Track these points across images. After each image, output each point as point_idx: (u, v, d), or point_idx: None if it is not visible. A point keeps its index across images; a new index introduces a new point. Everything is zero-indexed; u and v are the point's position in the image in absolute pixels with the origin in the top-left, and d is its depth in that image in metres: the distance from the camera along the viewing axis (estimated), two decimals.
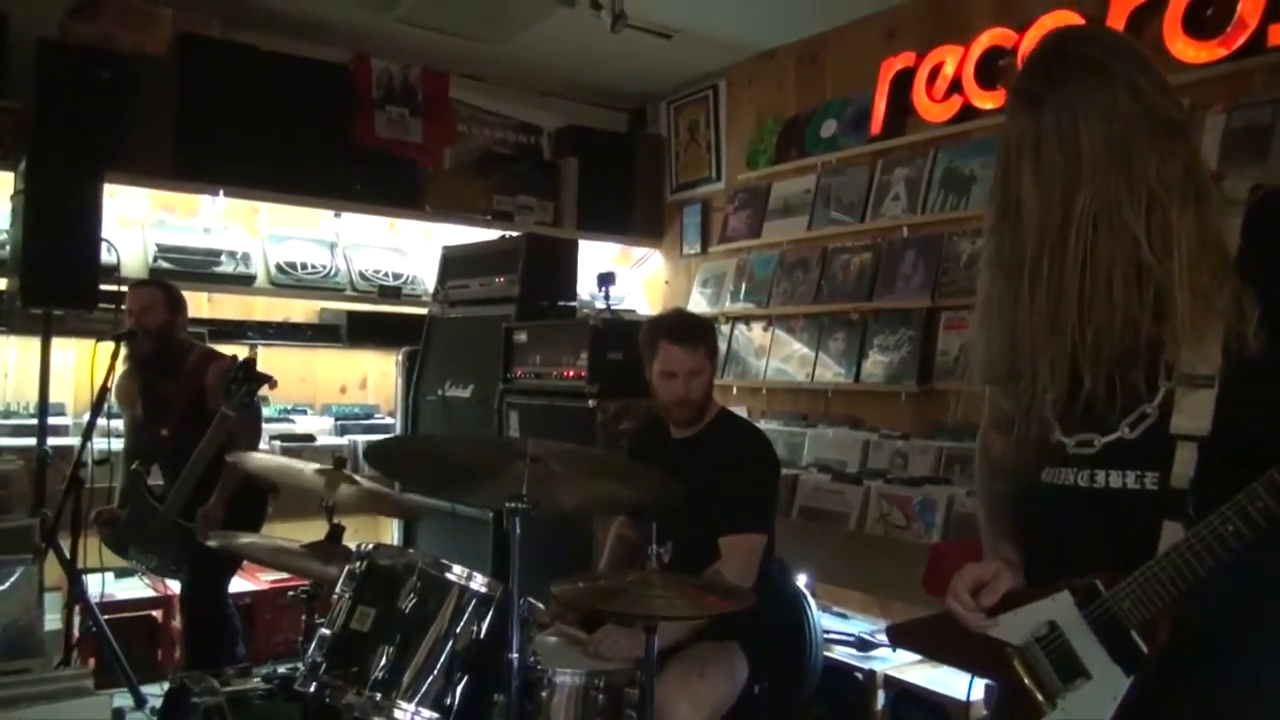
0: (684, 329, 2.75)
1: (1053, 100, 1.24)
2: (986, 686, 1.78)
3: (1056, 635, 1.31)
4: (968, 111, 3.71)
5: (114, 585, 3.83)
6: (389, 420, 4.88)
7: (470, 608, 2.14)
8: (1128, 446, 1.27)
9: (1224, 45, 2.96)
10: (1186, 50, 3.04)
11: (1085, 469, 1.31)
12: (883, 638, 3.37)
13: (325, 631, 2.16)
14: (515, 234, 4.49)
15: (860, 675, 3.13)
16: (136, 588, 3.99)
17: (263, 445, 3.88)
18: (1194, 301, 1.18)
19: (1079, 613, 1.28)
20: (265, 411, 4.32)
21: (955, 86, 3.73)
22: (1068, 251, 1.22)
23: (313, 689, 2.09)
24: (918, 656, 3.24)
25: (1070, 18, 3.35)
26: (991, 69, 3.63)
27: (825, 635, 3.02)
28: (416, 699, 2.06)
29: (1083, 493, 1.31)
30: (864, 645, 3.29)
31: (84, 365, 3.44)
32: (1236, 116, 2.92)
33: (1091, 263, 1.21)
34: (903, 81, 3.96)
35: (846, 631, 3.41)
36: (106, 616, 3.37)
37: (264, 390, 3.30)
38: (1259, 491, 1.12)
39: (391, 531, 4.77)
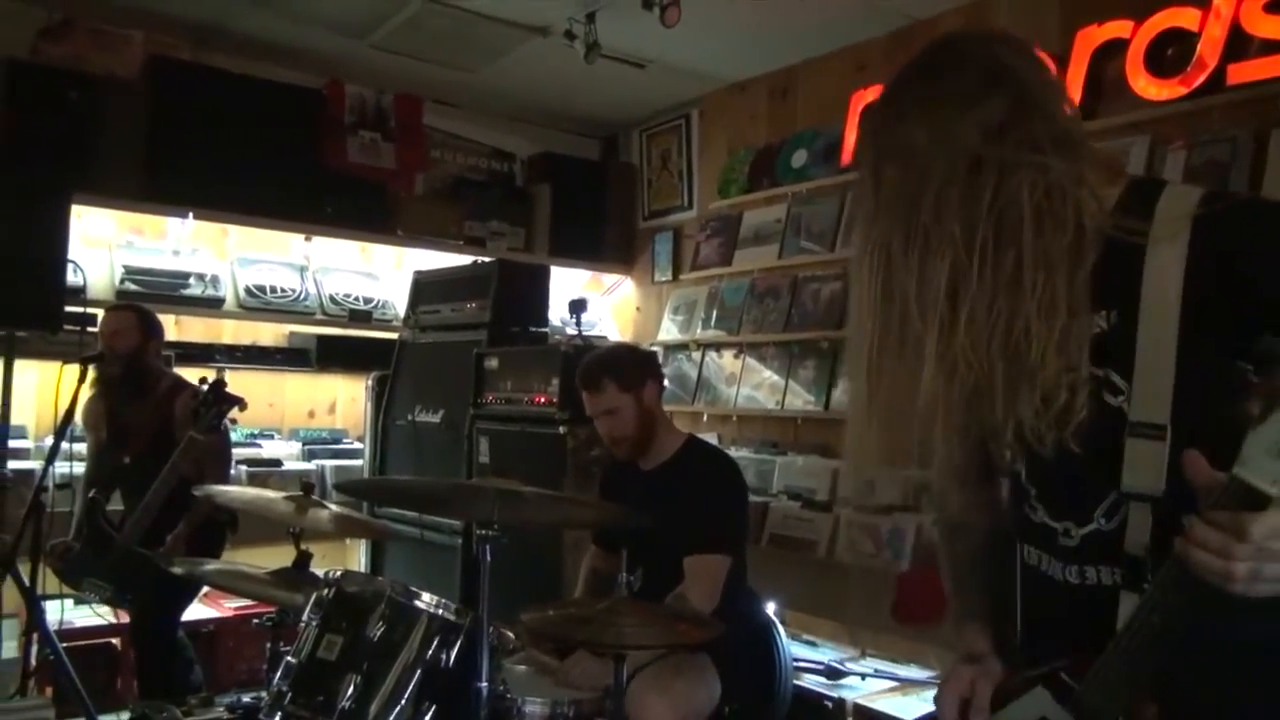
0: (586, 372, 2.76)
1: (881, 134, 1.20)
2: None
3: None
4: None
5: (73, 612, 3.75)
6: (357, 445, 4.84)
7: (439, 636, 2.12)
8: (1107, 538, 1.14)
9: (1184, 84, 3.03)
10: (1148, 88, 3.11)
11: (1072, 564, 1.18)
12: (852, 665, 3.38)
13: (291, 660, 2.13)
14: (487, 259, 4.49)
15: (829, 704, 3.13)
16: (95, 616, 3.91)
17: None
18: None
19: (1061, 708, 1.17)
20: (232, 436, 4.28)
21: None
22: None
23: (277, 719, 2.05)
24: (888, 684, 3.25)
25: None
26: None
27: (795, 663, 3.02)
28: None
29: (1072, 589, 1.19)
30: (833, 673, 3.29)
31: (47, 388, 3.39)
32: (1197, 153, 2.99)
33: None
34: None
35: (816, 659, 3.41)
36: (65, 644, 3.29)
37: (234, 414, 3.26)
38: (1169, 583, 1.00)
39: (358, 557, 4.72)
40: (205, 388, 3.19)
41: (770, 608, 3.07)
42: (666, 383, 3.25)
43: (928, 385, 1.09)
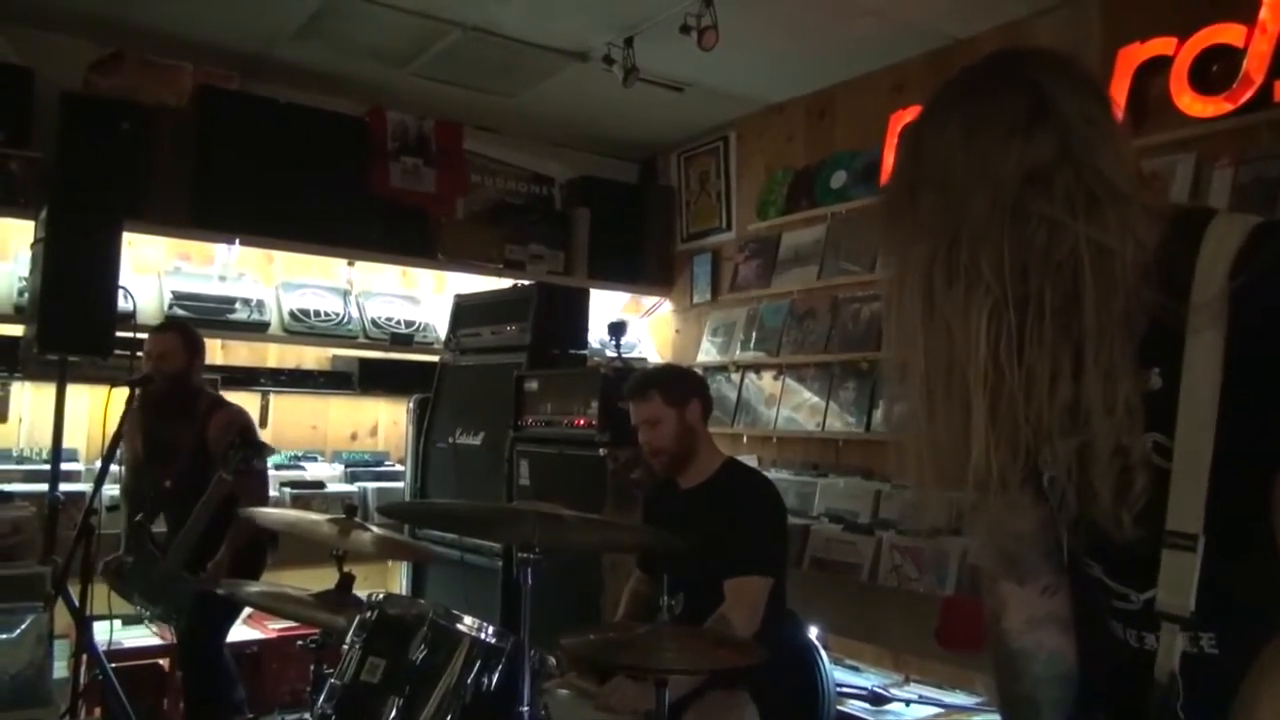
0: (634, 383, 2.87)
1: (919, 151, 1.11)
2: None
3: None
4: None
5: (121, 633, 3.81)
6: (399, 468, 4.88)
7: (481, 659, 2.13)
8: None
9: (1230, 100, 2.99)
10: (1193, 105, 3.07)
11: (1132, 629, 1.09)
12: (896, 691, 3.33)
13: (335, 682, 2.14)
14: (527, 283, 4.52)
15: None
16: (144, 636, 3.97)
17: (272, 492, 3.89)
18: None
19: None
20: (275, 458, 4.33)
21: None
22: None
23: None
24: (932, 711, 3.20)
25: None
26: None
27: (837, 689, 2.99)
28: None
29: (1134, 654, 1.08)
30: (877, 699, 3.25)
31: (98, 411, 3.46)
32: (1244, 171, 2.95)
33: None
34: None
35: (859, 685, 3.37)
36: (113, 665, 3.34)
37: (272, 444, 3.33)
38: None
39: (400, 580, 4.75)
40: (233, 431, 3.27)
41: (812, 632, 3.03)
42: None
43: (980, 449, 1.00)
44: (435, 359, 4.70)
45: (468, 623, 2.16)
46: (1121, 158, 1.03)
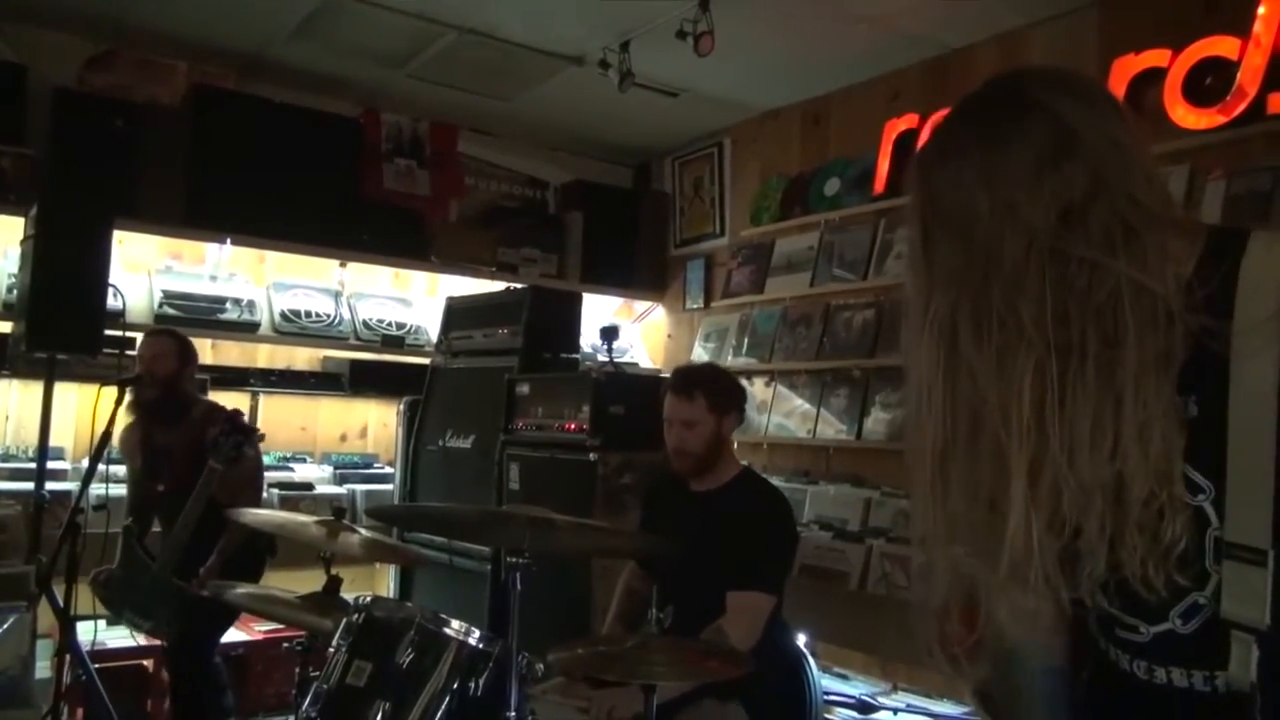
0: (682, 378, 2.81)
1: (935, 194, 1.03)
2: None
3: None
4: None
5: (105, 633, 3.78)
6: (388, 470, 4.86)
7: (468, 664, 2.11)
8: (1184, 641, 1.00)
9: (1223, 113, 3.00)
10: (1187, 117, 3.08)
11: (1140, 660, 1.05)
12: (884, 700, 3.33)
13: (320, 685, 2.13)
14: (520, 286, 4.51)
15: None
16: (127, 637, 3.93)
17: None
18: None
19: None
20: (264, 459, 4.31)
21: None
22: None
23: None
24: (919, 719, 3.20)
25: None
26: None
27: (825, 697, 2.98)
28: None
29: (1141, 685, 1.05)
30: (865, 708, 3.24)
31: (86, 410, 3.44)
32: (1237, 183, 2.96)
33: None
34: (906, 142, 4.00)
35: (847, 693, 3.36)
36: (97, 665, 3.31)
37: (262, 444, 3.30)
38: None
39: (387, 583, 4.72)
40: (223, 417, 3.24)
41: (801, 639, 3.03)
42: None
43: (1020, 523, 0.93)
44: (426, 361, 4.69)
45: (455, 626, 2.15)
46: (1150, 175, 0.98)
